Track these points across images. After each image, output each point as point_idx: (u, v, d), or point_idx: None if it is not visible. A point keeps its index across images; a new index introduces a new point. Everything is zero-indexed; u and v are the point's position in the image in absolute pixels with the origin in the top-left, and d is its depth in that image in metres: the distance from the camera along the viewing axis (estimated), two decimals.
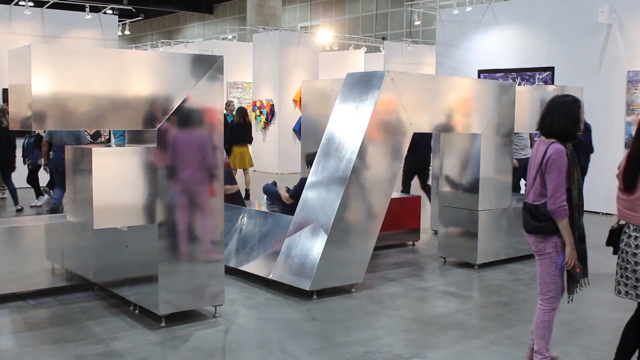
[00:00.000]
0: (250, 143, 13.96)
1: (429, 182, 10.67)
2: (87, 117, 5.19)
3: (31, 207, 11.93)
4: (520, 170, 9.94)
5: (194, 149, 5.64)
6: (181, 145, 5.58)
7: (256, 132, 20.59)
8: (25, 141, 12.18)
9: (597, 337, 5.66)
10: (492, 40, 14.20)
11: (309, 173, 7.67)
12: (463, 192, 8.05)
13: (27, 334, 5.56)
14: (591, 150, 9.29)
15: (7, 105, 12.21)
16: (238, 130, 13.29)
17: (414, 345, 5.38)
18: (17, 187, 11.73)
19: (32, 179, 12.37)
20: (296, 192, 7.80)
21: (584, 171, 8.06)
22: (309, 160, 8.00)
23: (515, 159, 10.23)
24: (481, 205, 7.89)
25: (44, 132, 11.01)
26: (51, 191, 11.89)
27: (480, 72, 14.07)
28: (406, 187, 10.76)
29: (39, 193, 12.33)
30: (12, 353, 5.13)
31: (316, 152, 7.83)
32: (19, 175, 12.40)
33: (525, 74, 13.29)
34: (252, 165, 13.77)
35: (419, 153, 10.37)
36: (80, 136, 10.77)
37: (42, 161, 11.95)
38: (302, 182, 7.71)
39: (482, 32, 14.35)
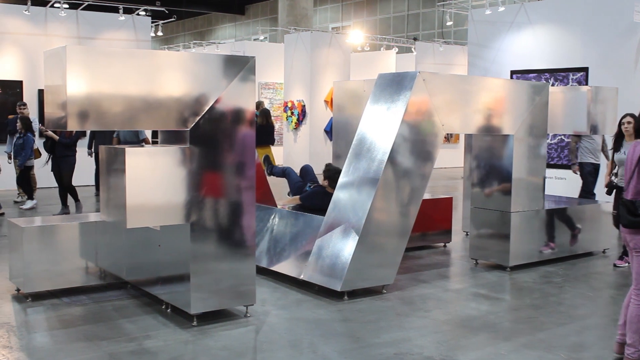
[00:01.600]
0: (273, 144, 14.04)
1: None
2: (120, 117, 5.24)
3: (22, 209, 11.88)
4: (593, 174, 9.96)
5: (226, 149, 5.67)
6: (213, 145, 5.61)
7: (287, 133, 20.67)
8: (14, 141, 12.08)
9: None
10: (524, 40, 14.08)
11: (324, 185, 7.87)
12: (495, 194, 7.99)
13: (61, 331, 5.63)
14: None
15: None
16: (260, 131, 13.37)
17: (445, 347, 5.35)
18: (5, 188, 11.82)
19: (23, 180, 12.25)
20: (307, 197, 8.07)
21: None
22: (327, 175, 7.97)
23: (584, 162, 10.17)
24: (513, 207, 7.83)
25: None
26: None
27: (512, 72, 13.95)
28: None
29: (30, 195, 12.23)
30: (46, 350, 5.20)
31: (334, 167, 7.99)
32: (9, 176, 12.47)
33: (558, 75, 13.15)
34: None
35: None
36: (138, 133, 10.98)
37: (33, 162, 12.03)
38: (317, 188, 8.08)
39: (514, 32, 14.23)
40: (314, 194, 8.08)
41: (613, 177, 7.97)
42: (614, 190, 7.81)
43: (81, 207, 11.30)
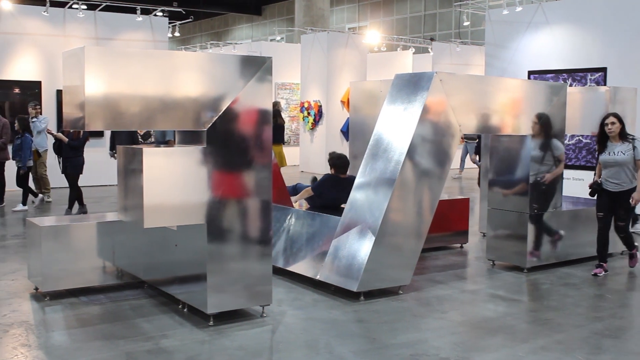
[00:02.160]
0: (283, 143, 14.06)
1: None
2: (137, 118, 5.27)
3: (13, 211, 11.85)
4: None
5: (242, 149, 5.68)
6: (230, 146, 5.62)
7: (304, 133, 20.67)
8: (15, 142, 12.03)
9: None
10: (542, 40, 13.99)
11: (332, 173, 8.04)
12: (512, 195, 7.95)
13: (79, 330, 5.67)
14: None
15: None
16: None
17: (462, 348, 5.33)
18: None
19: (22, 181, 12.14)
20: (317, 186, 8.17)
21: None
22: (331, 163, 8.24)
23: None
24: (531, 208, 7.79)
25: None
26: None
27: (530, 72, 13.87)
28: None
29: (25, 198, 12.13)
30: (64, 348, 5.23)
31: (336, 154, 8.20)
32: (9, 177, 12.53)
33: (576, 75, 13.06)
34: (285, 165, 13.88)
35: None
36: (165, 133, 11.06)
37: (31, 162, 12.00)
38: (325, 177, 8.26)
39: (532, 32, 14.15)
40: (323, 181, 8.20)
41: (598, 179, 7.76)
42: (596, 193, 7.75)
43: (86, 212, 11.22)
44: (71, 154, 11.03)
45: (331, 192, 8.00)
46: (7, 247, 8.97)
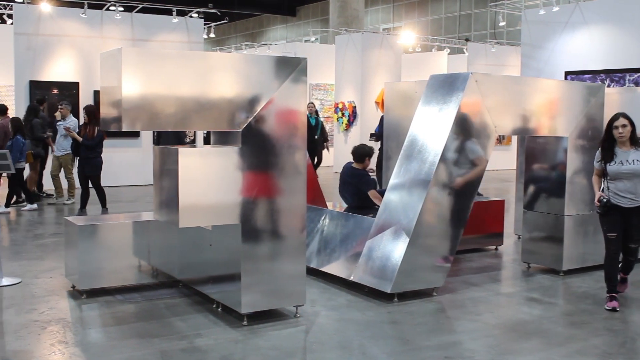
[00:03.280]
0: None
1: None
2: (173, 118, 5.32)
3: (22, 210, 11.84)
4: None
5: (277, 150, 5.69)
6: (265, 146, 5.64)
7: (338, 134, 20.68)
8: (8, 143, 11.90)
9: None
10: (579, 40, 13.83)
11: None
12: (548, 197, 7.87)
13: (114, 328, 5.73)
14: None
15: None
16: None
17: (496, 351, 5.29)
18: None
19: (13, 183, 11.99)
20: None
21: None
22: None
23: None
24: (567, 210, 7.70)
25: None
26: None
27: (567, 73, 13.71)
28: (379, 171, 10.91)
29: (29, 197, 12.10)
30: (100, 346, 5.30)
31: (360, 145, 8.40)
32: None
33: (614, 76, 12.88)
34: None
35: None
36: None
37: (23, 164, 11.92)
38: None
39: (569, 32, 13.99)
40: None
41: (605, 194, 6.48)
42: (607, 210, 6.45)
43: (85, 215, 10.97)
44: (88, 154, 10.91)
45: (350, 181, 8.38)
46: (45, 245, 9.11)
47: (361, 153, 8.28)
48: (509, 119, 7.23)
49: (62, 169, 12.74)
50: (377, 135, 14.35)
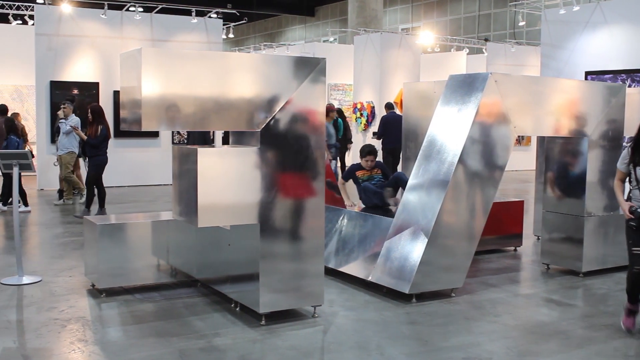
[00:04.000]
0: None
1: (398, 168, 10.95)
2: (192, 118, 5.33)
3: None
4: None
5: (296, 150, 5.70)
6: (283, 146, 5.65)
7: (356, 134, 20.66)
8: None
9: None
10: (600, 40, 13.72)
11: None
12: (568, 198, 7.81)
13: (133, 327, 5.76)
14: None
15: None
16: None
17: (515, 353, 5.26)
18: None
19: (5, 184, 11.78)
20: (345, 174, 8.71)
21: None
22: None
23: None
24: (587, 211, 7.64)
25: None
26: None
27: (587, 73, 13.62)
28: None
29: (23, 199, 11.90)
30: (119, 344, 5.33)
31: (368, 147, 8.53)
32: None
33: (636, 76, 12.77)
34: None
35: (389, 141, 10.73)
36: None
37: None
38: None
39: (590, 32, 13.89)
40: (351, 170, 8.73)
41: (635, 203, 5.75)
42: None
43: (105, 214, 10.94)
44: (93, 152, 10.93)
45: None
46: (65, 244, 9.18)
47: (363, 150, 8.63)
48: (529, 119, 7.19)
49: (60, 167, 12.73)
50: (379, 134, 14.73)
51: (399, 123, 10.74)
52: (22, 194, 11.88)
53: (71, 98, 13.66)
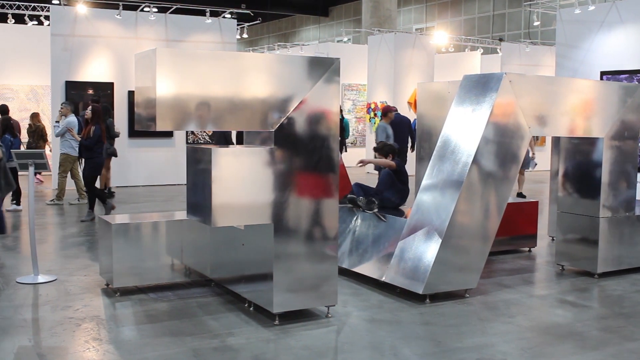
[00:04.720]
0: None
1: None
2: (206, 118, 5.35)
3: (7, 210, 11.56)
4: None
5: (310, 150, 5.70)
6: (297, 146, 5.65)
7: (370, 134, 20.65)
8: None
9: None
10: (616, 40, 13.64)
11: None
12: (583, 198, 7.77)
13: (147, 326, 5.78)
14: None
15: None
16: None
17: (529, 354, 5.24)
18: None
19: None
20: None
21: None
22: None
23: None
24: (602, 212, 7.60)
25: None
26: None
27: (602, 73, 13.54)
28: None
29: (17, 197, 11.88)
30: (133, 343, 5.35)
31: (385, 144, 8.66)
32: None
33: None
34: None
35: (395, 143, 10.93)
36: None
37: (13, 164, 11.77)
38: None
39: (605, 31, 13.82)
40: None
41: None
42: None
43: (93, 217, 10.90)
44: (88, 154, 10.80)
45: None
46: (80, 243, 9.22)
47: (386, 150, 8.68)
48: (543, 119, 7.16)
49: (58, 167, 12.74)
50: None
51: (405, 125, 10.80)
52: (17, 192, 11.84)
53: (97, 99, 13.72)
